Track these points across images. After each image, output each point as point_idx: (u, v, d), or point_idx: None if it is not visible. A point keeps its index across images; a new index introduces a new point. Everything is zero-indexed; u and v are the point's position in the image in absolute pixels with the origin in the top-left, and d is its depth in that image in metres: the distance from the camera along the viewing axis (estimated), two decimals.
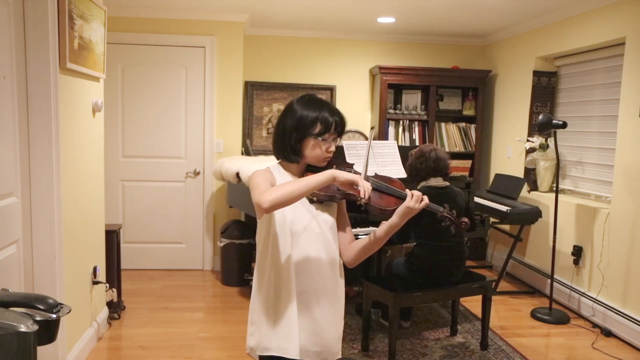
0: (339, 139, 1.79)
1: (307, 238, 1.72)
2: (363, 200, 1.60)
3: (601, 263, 3.91)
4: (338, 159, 1.83)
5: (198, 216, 5.11)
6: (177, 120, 5.01)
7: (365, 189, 1.58)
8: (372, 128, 2.00)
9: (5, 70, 2.37)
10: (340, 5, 4.43)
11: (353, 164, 1.85)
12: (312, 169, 1.77)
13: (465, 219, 1.85)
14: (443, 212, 1.81)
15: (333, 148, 1.76)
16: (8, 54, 2.40)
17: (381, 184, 1.77)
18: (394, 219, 1.71)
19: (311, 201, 1.75)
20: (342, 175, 1.59)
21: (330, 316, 1.77)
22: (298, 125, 1.72)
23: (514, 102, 5.18)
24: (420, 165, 3.20)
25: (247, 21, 5.09)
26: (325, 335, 1.76)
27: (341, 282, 1.83)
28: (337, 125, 1.74)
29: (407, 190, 1.72)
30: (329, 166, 1.77)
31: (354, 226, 3.41)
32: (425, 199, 1.71)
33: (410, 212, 1.69)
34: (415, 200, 1.68)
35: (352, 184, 1.60)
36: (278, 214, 1.70)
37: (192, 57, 4.97)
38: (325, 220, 1.76)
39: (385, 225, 1.74)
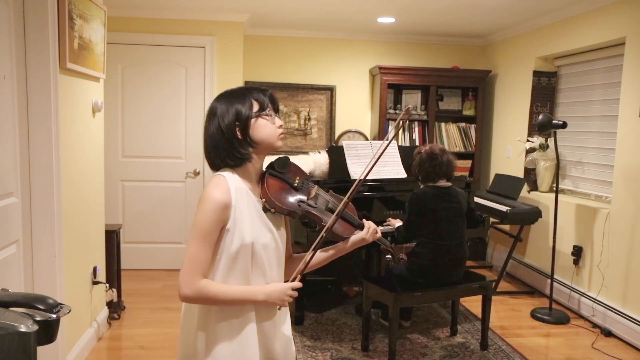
0: (278, 116, 1.65)
1: (264, 254, 1.59)
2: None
3: (601, 263, 3.91)
4: (297, 170, 1.71)
5: None
6: (177, 120, 5.01)
7: (287, 304, 1.61)
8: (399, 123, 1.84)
9: (5, 70, 2.37)
10: (340, 5, 4.43)
11: (310, 176, 1.79)
12: (272, 175, 1.62)
13: (404, 256, 1.82)
14: (389, 247, 1.80)
15: (280, 122, 1.61)
16: (8, 54, 2.40)
17: (345, 211, 1.68)
18: (346, 245, 1.70)
19: (265, 209, 1.59)
20: (274, 300, 1.57)
21: (283, 318, 1.72)
22: (236, 115, 1.55)
23: (514, 102, 5.18)
24: (431, 169, 3.19)
25: (247, 21, 5.09)
26: (282, 338, 1.70)
27: None
28: (269, 100, 1.60)
29: (364, 221, 1.71)
30: (294, 177, 1.65)
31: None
32: (379, 232, 1.72)
33: (362, 243, 1.69)
34: (371, 233, 1.69)
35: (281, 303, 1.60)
36: (236, 233, 1.53)
37: (192, 57, 4.97)
38: (280, 232, 1.66)
39: (333, 249, 1.70)
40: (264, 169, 1.67)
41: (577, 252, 4.15)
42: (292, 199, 1.61)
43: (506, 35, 5.31)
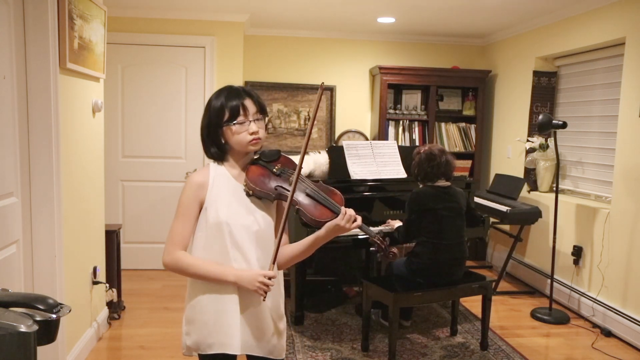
0: (264, 118, 1.73)
1: (244, 235, 1.69)
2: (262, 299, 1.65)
3: (601, 263, 3.91)
4: (287, 161, 1.80)
5: None
6: (177, 120, 5.01)
7: (264, 292, 1.64)
8: (322, 83, 1.83)
9: (5, 70, 2.37)
10: (340, 5, 4.43)
11: (294, 167, 1.77)
12: (255, 162, 1.75)
13: (394, 250, 1.75)
14: (375, 237, 1.72)
15: (255, 128, 1.69)
16: (8, 54, 2.40)
17: (319, 193, 1.71)
18: (322, 231, 1.68)
19: (248, 194, 1.72)
20: (240, 282, 1.64)
21: (271, 310, 1.76)
22: (210, 119, 1.71)
23: (514, 102, 5.18)
24: (430, 169, 3.20)
25: (247, 21, 5.09)
26: (267, 329, 1.75)
27: (280, 278, 1.83)
28: (244, 107, 1.68)
29: (343, 208, 1.67)
30: (273, 164, 1.75)
31: None
32: (358, 220, 1.66)
33: (339, 230, 1.65)
34: (347, 219, 1.64)
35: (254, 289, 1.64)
36: (211, 211, 1.68)
37: (192, 57, 4.97)
38: (264, 216, 1.73)
39: (312, 236, 1.72)
40: (255, 157, 1.80)
41: (577, 252, 4.15)
42: (270, 183, 1.71)
43: (506, 35, 5.31)
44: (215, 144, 1.74)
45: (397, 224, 3.41)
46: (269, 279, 1.65)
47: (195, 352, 1.75)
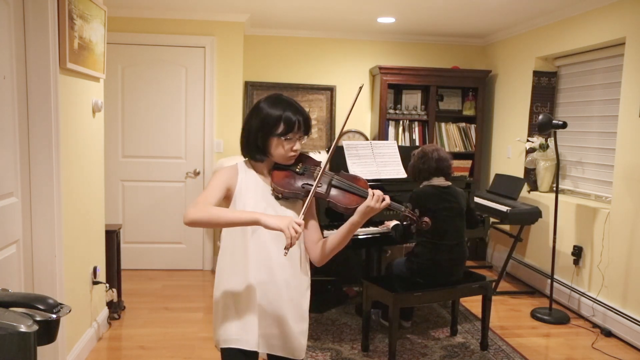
0: (305, 137, 1.81)
1: (269, 234, 1.73)
2: (285, 249, 1.61)
3: (601, 263, 3.91)
4: (306, 159, 1.87)
5: None
6: (177, 120, 5.01)
7: (292, 236, 1.58)
8: (360, 87, 1.98)
9: (5, 70, 2.37)
10: (340, 5, 4.43)
11: (320, 163, 1.87)
12: (278, 167, 1.82)
13: (426, 219, 1.82)
14: (405, 211, 1.81)
15: (298, 147, 1.79)
16: (8, 54, 2.39)
17: (344, 181, 1.79)
18: (355, 217, 1.73)
19: (277, 197, 1.78)
20: (267, 221, 1.61)
21: (292, 310, 1.79)
22: (262, 125, 1.76)
23: (514, 102, 5.18)
24: (422, 165, 3.21)
25: (247, 21, 5.09)
26: (287, 329, 1.78)
27: (306, 279, 1.85)
28: (300, 125, 1.76)
29: (369, 190, 1.73)
30: (295, 165, 1.82)
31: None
32: (387, 198, 1.72)
33: (370, 211, 1.71)
34: (375, 199, 1.70)
35: (279, 230, 1.61)
36: (239, 204, 1.75)
37: (192, 57, 4.97)
38: (293, 215, 1.77)
39: (347, 223, 1.76)
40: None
41: (577, 252, 4.15)
42: (297, 183, 1.78)
43: (506, 35, 5.31)
44: (258, 148, 1.79)
45: (393, 223, 3.42)
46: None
47: (218, 345, 1.83)
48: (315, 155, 3.91)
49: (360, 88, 1.79)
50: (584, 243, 4.12)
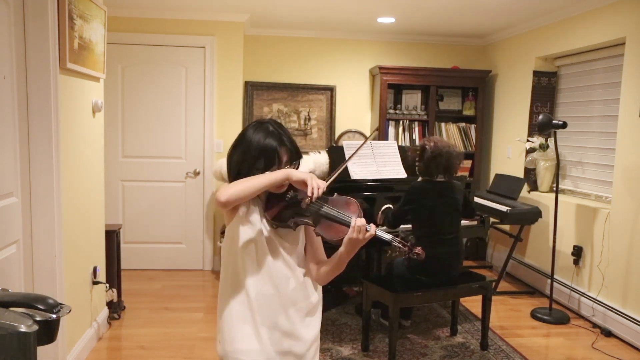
0: (296, 163, 1.71)
1: (270, 256, 1.69)
2: (307, 201, 1.55)
3: (601, 263, 3.91)
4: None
5: (198, 216, 5.10)
6: (177, 120, 5.01)
7: (314, 188, 1.53)
8: (376, 129, 1.89)
9: (5, 70, 2.37)
10: (340, 5, 4.43)
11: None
12: (270, 195, 1.70)
13: (419, 250, 1.63)
14: (395, 242, 1.63)
15: None
16: (8, 54, 2.40)
17: (333, 209, 1.65)
18: (342, 249, 1.63)
19: (273, 227, 1.70)
20: (296, 174, 1.57)
21: (300, 327, 1.77)
22: (244, 158, 1.66)
23: (514, 102, 5.18)
24: (433, 164, 3.20)
25: (247, 21, 5.09)
26: (296, 344, 1.77)
27: (315, 296, 1.80)
28: (280, 159, 1.66)
29: (353, 219, 1.60)
30: (287, 191, 1.71)
31: None
32: (372, 228, 1.58)
33: (356, 242, 1.60)
34: (357, 231, 1.58)
35: (304, 183, 1.56)
36: (242, 233, 1.67)
37: (192, 57, 4.97)
38: (290, 242, 1.73)
39: (336, 255, 1.69)
40: None
41: (577, 252, 4.15)
42: (286, 214, 1.67)
43: (506, 35, 5.31)
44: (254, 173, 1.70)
45: (384, 207, 3.45)
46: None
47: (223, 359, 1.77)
48: (315, 155, 3.92)
49: (377, 129, 1.68)
50: (584, 243, 4.12)
